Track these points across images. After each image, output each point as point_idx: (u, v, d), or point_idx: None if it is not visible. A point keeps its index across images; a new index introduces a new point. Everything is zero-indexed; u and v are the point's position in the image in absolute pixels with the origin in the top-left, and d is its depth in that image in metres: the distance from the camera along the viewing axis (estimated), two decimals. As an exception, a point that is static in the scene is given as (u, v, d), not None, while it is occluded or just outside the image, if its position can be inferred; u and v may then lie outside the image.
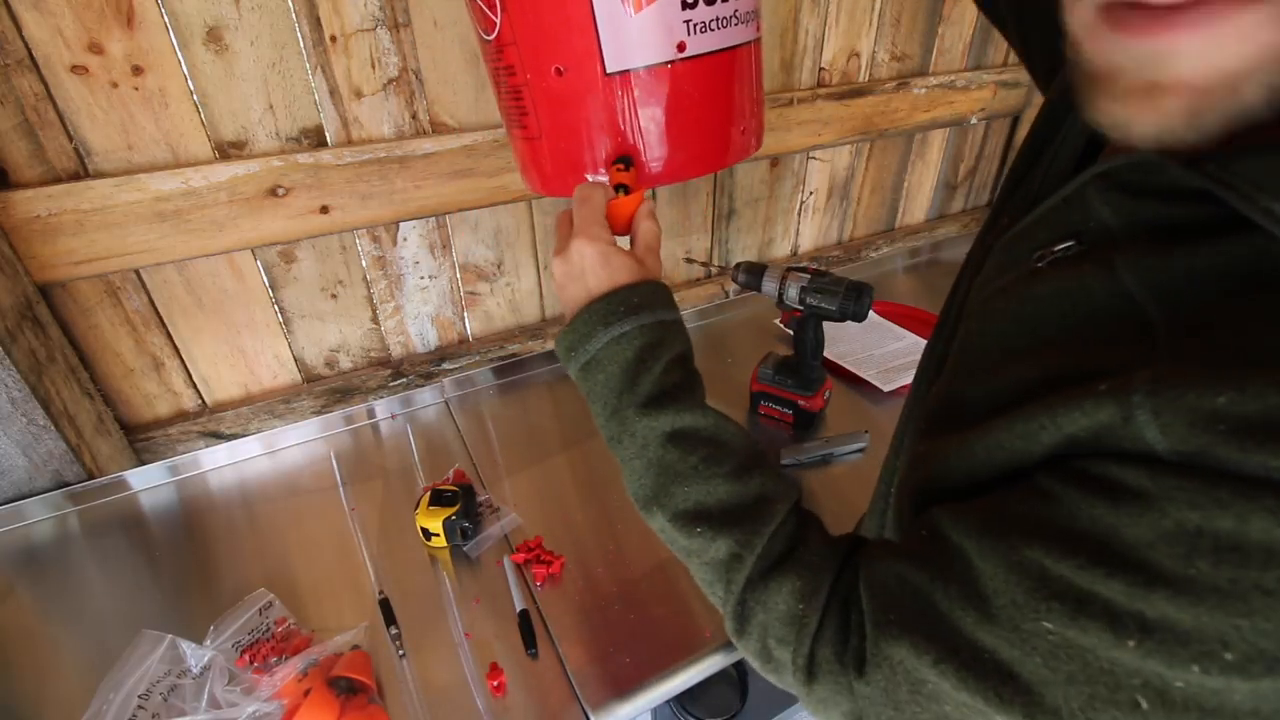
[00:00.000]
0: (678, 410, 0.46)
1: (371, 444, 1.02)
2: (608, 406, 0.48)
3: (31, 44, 0.71)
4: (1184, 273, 0.30)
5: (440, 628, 0.73)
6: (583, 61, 0.47)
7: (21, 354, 0.77)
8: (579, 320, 0.49)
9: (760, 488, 0.46)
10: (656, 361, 0.47)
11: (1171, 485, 0.26)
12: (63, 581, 0.80)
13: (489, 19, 0.50)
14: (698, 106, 0.51)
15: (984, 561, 0.32)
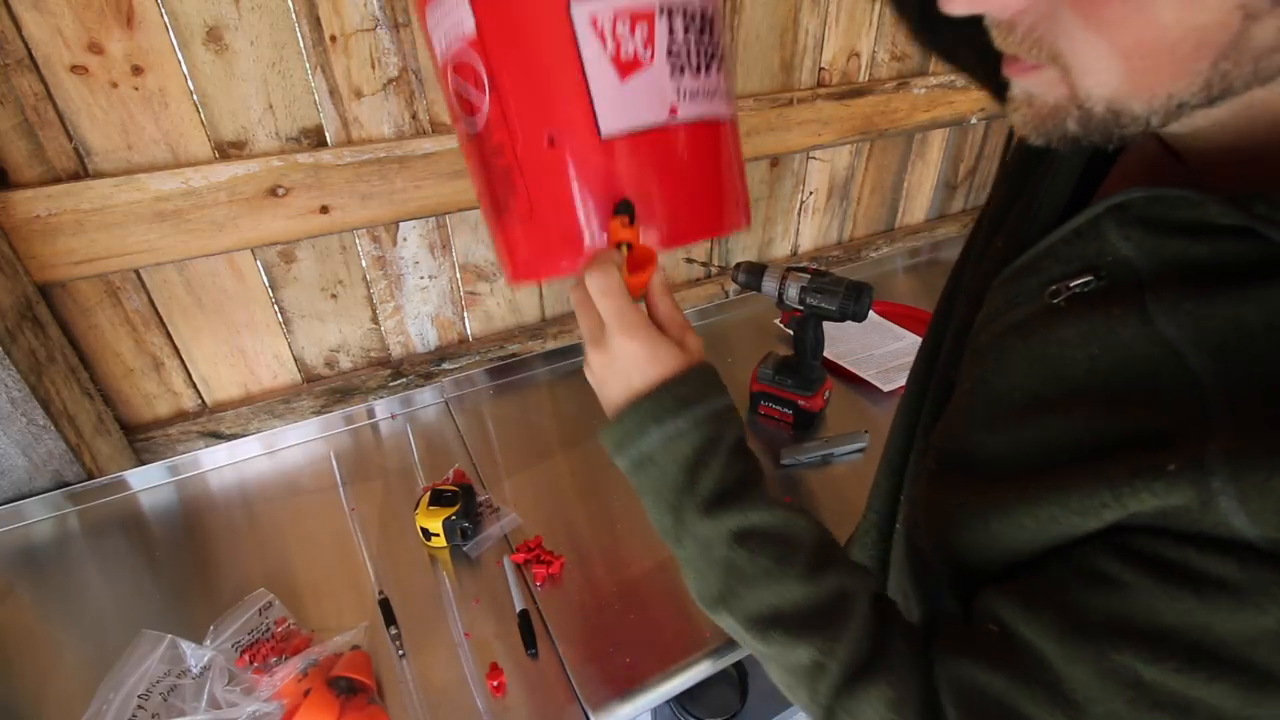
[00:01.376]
0: (743, 509, 0.43)
1: (371, 444, 1.02)
2: (664, 504, 0.45)
3: (31, 44, 0.71)
4: (1231, 320, 0.28)
5: (440, 628, 0.73)
6: (576, 128, 0.46)
7: (21, 354, 0.77)
8: (627, 417, 0.45)
9: (838, 585, 0.42)
10: (715, 458, 0.44)
11: (1268, 579, 0.25)
12: (63, 581, 0.80)
13: (473, 103, 0.49)
14: (692, 169, 0.51)
15: (1070, 667, 0.31)
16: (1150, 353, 0.31)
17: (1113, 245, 0.34)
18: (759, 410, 1.05)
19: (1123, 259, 0.33)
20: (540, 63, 0.45)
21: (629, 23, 0.45)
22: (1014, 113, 0.33)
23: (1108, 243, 0.34)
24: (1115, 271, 0.34)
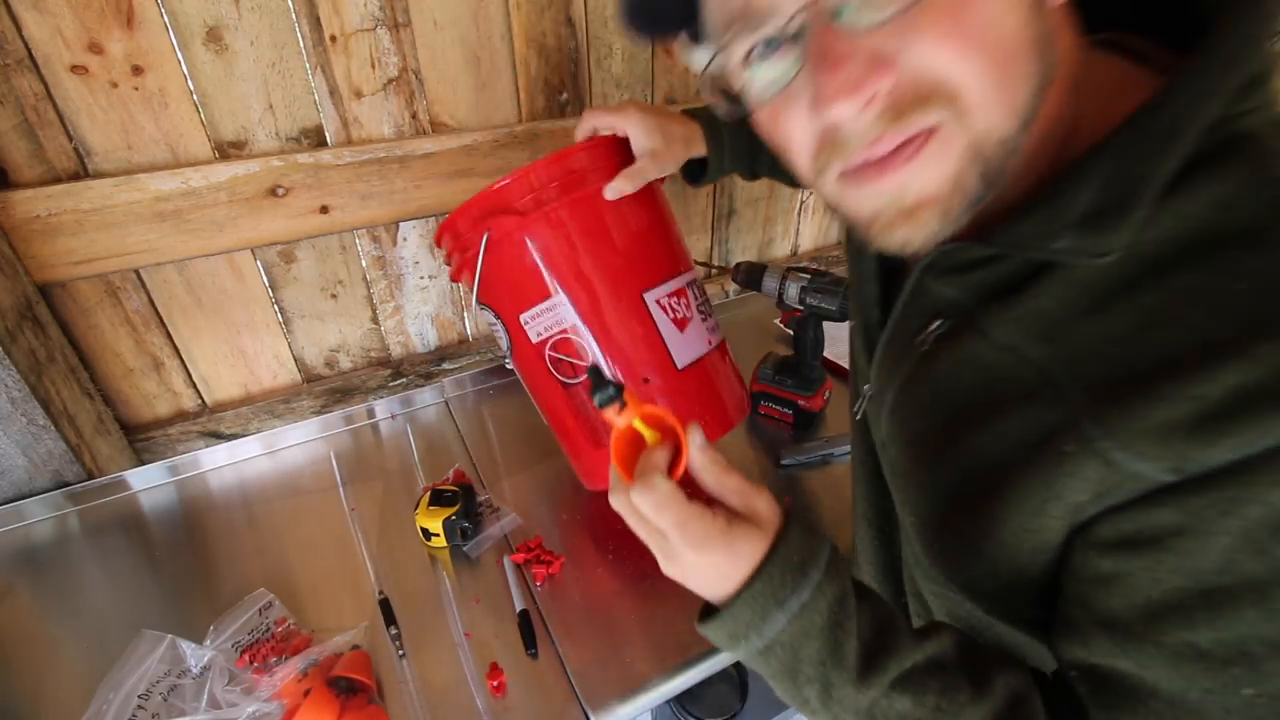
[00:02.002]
0: (898, 659, 0.39)
1: (371, 444, 1.02)
2: (804, 681, 0.40)
3: (31, 44, 0.71)
4: (1038, 313, 0.36)
5: (440, 628, 0.73)
6: (663, 367, 0.68)
7: (21, 354, 0.77)
8: (739, 611, 0.40)
9: (1006, 688, 0.39)
10: (849, 618, 0.40)
11: (1200, 507, 0.29)
12: (63, 581, 0.80)
13: (576, 367, 0.69)
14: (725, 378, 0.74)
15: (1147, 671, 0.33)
16: (1000, 359, 0.38)
17: (940, 293, 0.42)
18: (759, 410, 1.05)
19: (952, 300, 0.42)
20: (630, 332, 0.68)
21: (676, 297, 0.71)
22: (890, 231, 0.36)
23: (935, 293, 0.43)
24: (952, 311, 0.42)
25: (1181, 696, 0.32)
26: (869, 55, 0.31)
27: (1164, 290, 0.31)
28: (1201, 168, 0.31)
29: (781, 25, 0.33)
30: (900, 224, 0.36)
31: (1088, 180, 0.33)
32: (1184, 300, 0.31)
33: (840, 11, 0.32)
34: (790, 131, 0.37)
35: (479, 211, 0.69)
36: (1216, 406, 0.28)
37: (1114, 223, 0.32)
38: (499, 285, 0.72)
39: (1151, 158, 0.31)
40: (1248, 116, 0.32)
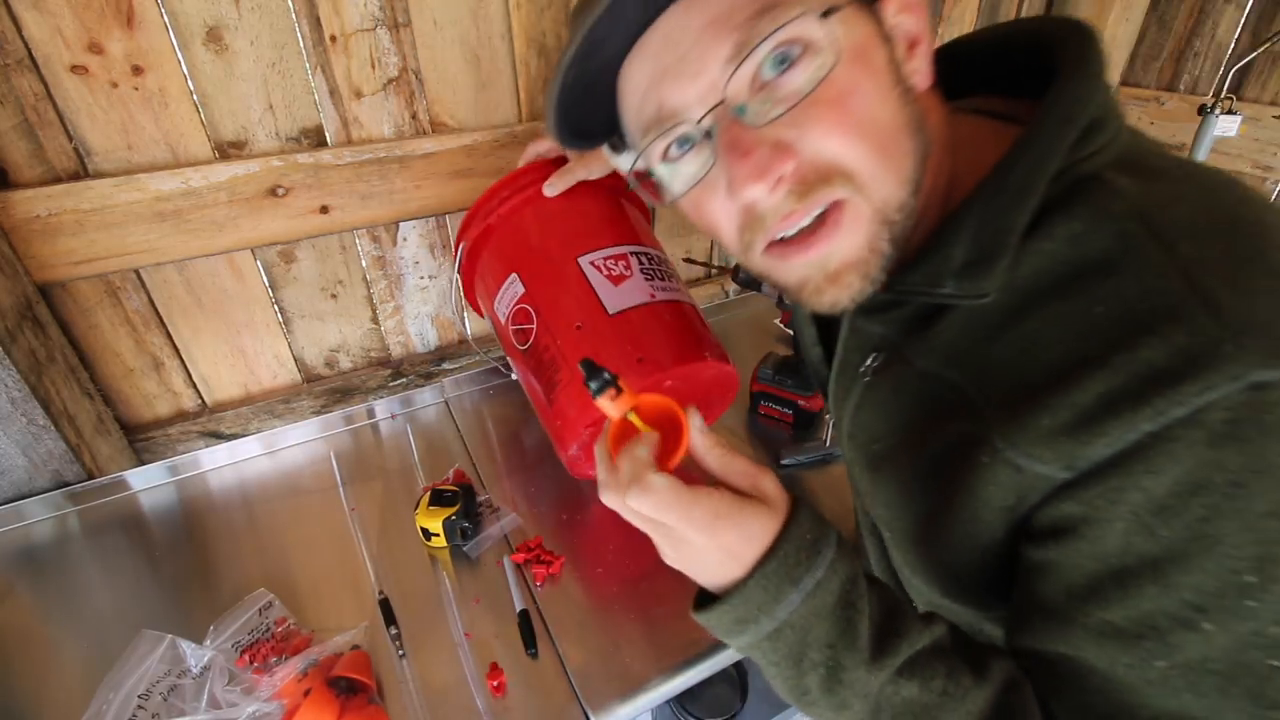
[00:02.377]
0: (910, 641, 0.39)
1: (371, 444, 1.02)
2: (810, 666, 0.39)
3: (31, 44, 0.71)
4: (947, 343, 0.42)
5: (440, 628, 0.73)
6: (594, 313, 0.73)
7: (21, 354, 0.77)
8: (753, 588, 0.39)
9: (1002, 675, 0.40)
10: (861, 597, 0.40)
11: (1092, 497, 0.34)
12: (63, 581, 0.80)
13: (527, 331, 0.77)
14: (674, 325, 0.76)
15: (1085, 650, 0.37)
16: (925, 384, 0.43)
17: (871, 330, 0.49)
18: (759, 410, 1.05)
19: (882, 335, 0.48)
20: (566, 290, 0.75)
21: (614, 260, 0.77)
22: (815, 297, 0.42)
23: (867, 331, 0.50)
24: (884, 344, 0.48)
25: (1110, 673, 0.36)
26: (772, 144, 0.37)
27: (1041, 317, 0.37)
28: (1055, 210, 0.37)
29: (693, 125, 0.39)
30: (827, 288, 0.41)
31: (960, 235, 0.39)
32: (1057, 325, 0.36)
33: (743, 110, 0.37)
34: (715, 215, 0.42)
35: (461, 234, 0.86)
36: (1089, 411, 0.33)
37: (985, 270, 0.38)
38: (486, 283, 0.86)
39: (1009, 211, 0.38)
40: (1089, 160, 0.38)
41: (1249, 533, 0.31)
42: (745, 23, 0.36)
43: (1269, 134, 1.37)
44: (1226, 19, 1.40)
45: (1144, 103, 1.54)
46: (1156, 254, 0.34)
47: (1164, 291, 0.33)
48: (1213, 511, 0.31)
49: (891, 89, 0.38)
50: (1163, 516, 0.32)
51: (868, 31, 0.38)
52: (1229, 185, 0.37)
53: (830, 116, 0.37)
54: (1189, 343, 0.31)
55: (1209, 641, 0.33)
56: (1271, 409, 0.30)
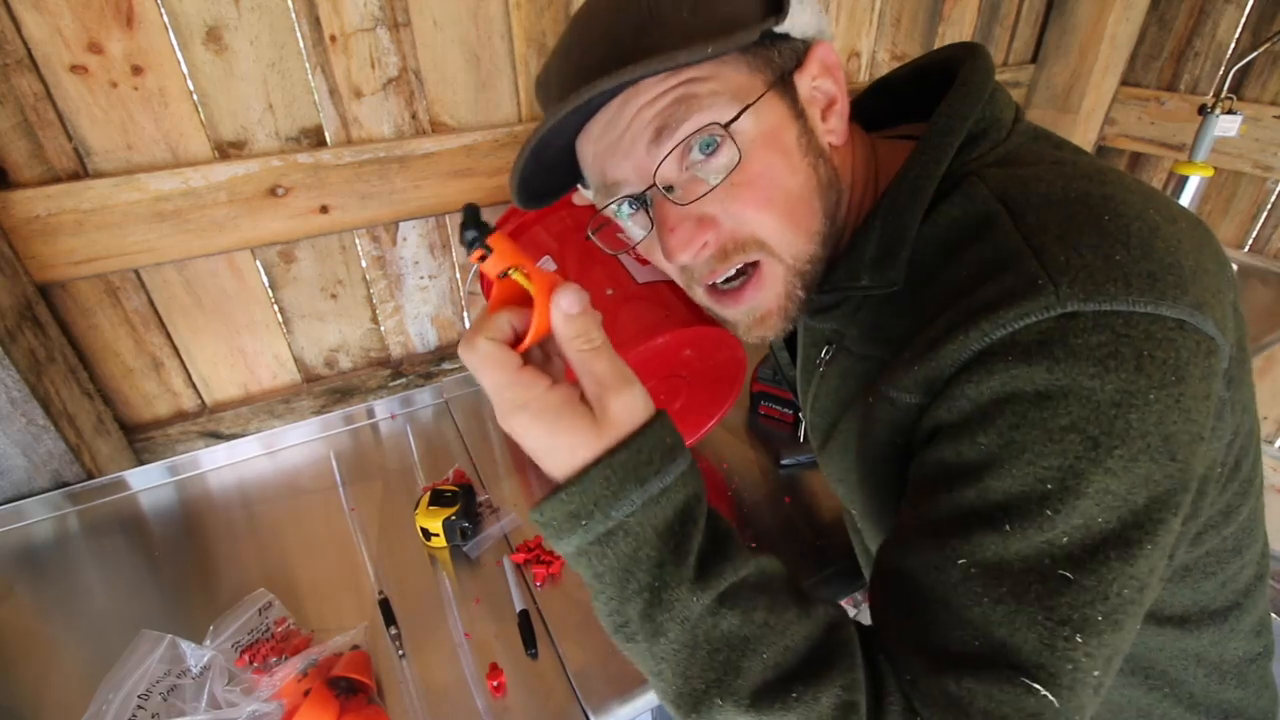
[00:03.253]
0: (734, 566, 0.38)
1: (371, 444, 1.02)
2: (637, 587, 0.37)
3: (31, 44, 0.71)
4: (873, 326, 0.50)
5: (440, 628, 0.73)
6: (624, 282, 0.82)
7: (21, 354, 0.77)
8: (591, 480, 0.36)
9: (825, 615, 0.40)
10: (700, 517, 0.39)
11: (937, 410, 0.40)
12: (63, 581, 0.80)
13: None
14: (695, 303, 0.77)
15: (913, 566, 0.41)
16: (860, 365, 0.51)
17: (820, 328, 0.57)
18: (759, 410, 1.05)
19: (831, 329, 0.56)
20: (597, 264, 0.84)
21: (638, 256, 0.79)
22: (752, 331, 0.51)
23: (817, 329, 0.58)
24: (832, 337, 0.56)
25: (925, 581, 0.39)
26: (696, 219, 0.45)
27: (929, 286, 0.43)
28: (941, 202, 0.44)
29: (635, 194, 0.47)
30: (756, 328, 0.50)
31: (869, 237, 0.46)
32: (937, 289, 0.42)
33: (670, 189, 0.45)
34: (663, 264, 0.51)
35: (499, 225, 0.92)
36: (935, 340, 0.40)
37: (890, 262, 0.45)
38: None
39: (904, 212, 0.45)
40: (972, 163, 0.45)
41: (1051, 444, 0.35)
42: (663, 111, 0.42)
43: (1269, 134, 1.37)
44: (1227, 19, 1.39)
45: (1144, 102, 1.54)
46: (1007, 223, 0.40)
47: (1006, 249, 0.39)
48: (1020, 419, 0.36)
49: (801, 159, 0.45)
50: (982, 424, 0.37)
51: (779, 115, 0.45)
52: (1094, 172, 0.41)
53: (745, 195, 0.44)
54: (1014, 281, 0.37)
55: (1006, 543, 0.36)
56: (1079, 334, 0.35)
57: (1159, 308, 0.35)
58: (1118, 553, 0.35)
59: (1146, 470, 0.35)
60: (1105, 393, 0.34)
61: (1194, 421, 0.36)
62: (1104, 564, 0.35)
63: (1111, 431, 0.34)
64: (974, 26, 1.44)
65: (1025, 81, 1.59)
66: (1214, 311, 0.36)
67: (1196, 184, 1.17)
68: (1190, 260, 0.37)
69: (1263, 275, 1.43)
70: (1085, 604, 0.35)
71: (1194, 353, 0.35)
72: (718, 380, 0.90)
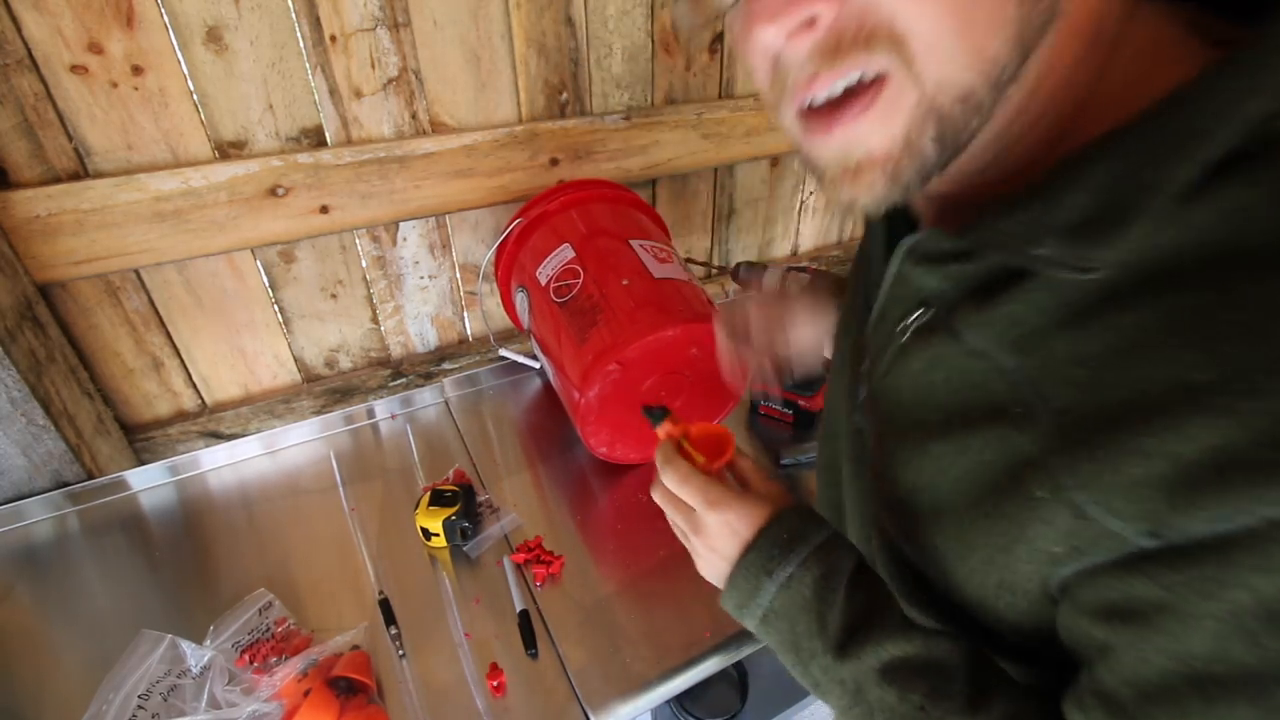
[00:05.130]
0: (879, 642, 0.39)
1: (371, 444, 1.02)
2: (802, 654, 0.42)
3: (31, 44, 0.71)
4: (1011, 320, 0.32)
5: (440, 628, 0.73)
6: (641, 274, 0.86)
7: (21, 354, 0.77)
8: (739, 578, 0.44)
9: (1006, 711, 0.36)
10: (834, 592, 0.41)
11: (1178, 584, 0.26)
12: (63, 581, 0.80)
13: (571, 285, 0.88)
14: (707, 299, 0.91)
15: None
16: (971, 365, 0.35)
17: (922, 281, 0.38)
18: (759, 410, 1.05)
19: (937, 289, 0.38)
20: (616, 255, 0.90)
21: (657, 248, 0.92)
22: (837, 190, 0.33)
23: (917, 281, 0.39)
24: (937, 300, 0.38)
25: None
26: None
27: (1150, 310, 0.27)
28: (1232, 171, 0.26)
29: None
30: (846, 183, 0.32)
31: (1087, 179, 0.28)
32: (1168, 328, 0.27)
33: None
34: (749, 53, 0.32)
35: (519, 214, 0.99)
36: (1196, 469, 0.25)
37: (1108, 235, 0.28)
38: (526, 260, 0.97)
39: (1167, 161, 0.27)
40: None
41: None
42: None
43: (1269, 134, 1.36)
44: (1227, 19, 1.39)
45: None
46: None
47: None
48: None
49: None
50: (1274, 624, 0.25)
51: None
52: None
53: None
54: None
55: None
56: None
57: None
58: None
59: None
60: None
61: None
62: None
63: None
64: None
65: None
66: None
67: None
68: None
69: (1263, 275, 1.43)
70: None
71: None
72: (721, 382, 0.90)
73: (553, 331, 0.90)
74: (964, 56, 0.28)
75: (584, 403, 0.82)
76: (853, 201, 0.33)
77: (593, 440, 0.89)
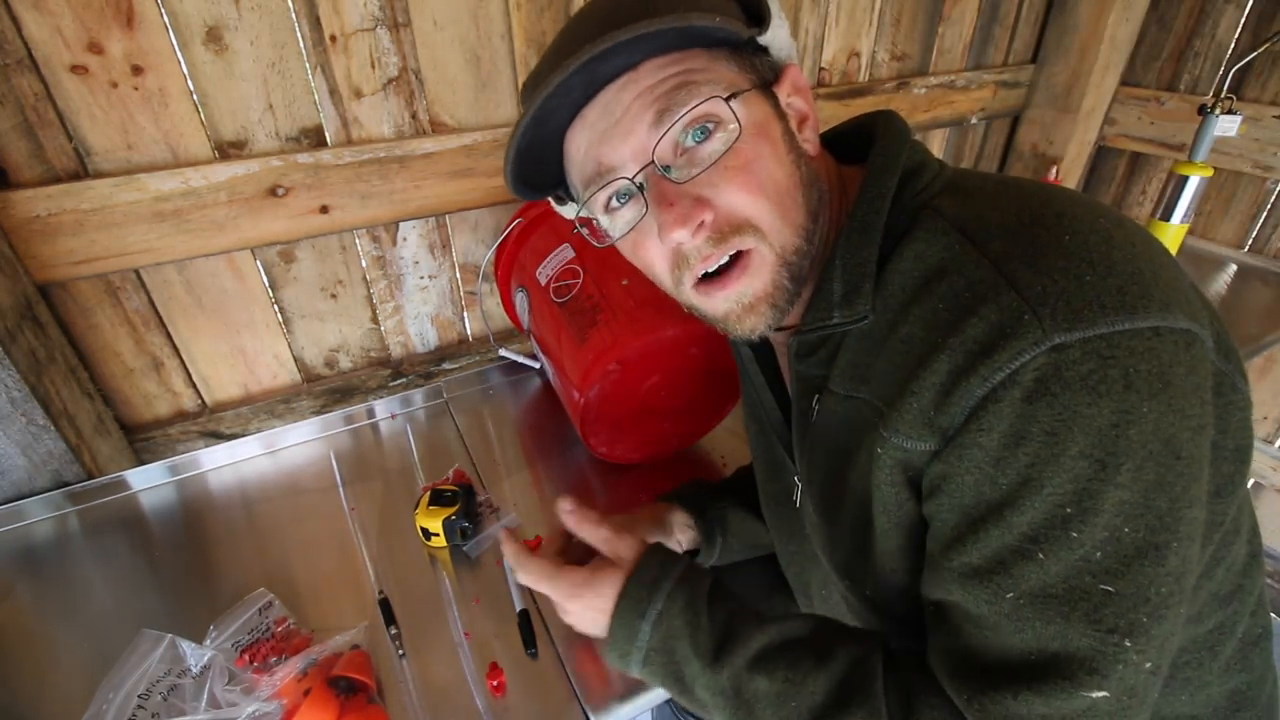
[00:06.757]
0: (744, 642, 0.50)
1: (371, 444, 1.02)
2: (685, 681, 0.51)
3: (31, 44, 0.71)
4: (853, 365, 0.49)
5: (440, 628, 0.73)
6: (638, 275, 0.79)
7: (21, 354, 0.77)
8: (615, 634, 0.54)
9: (849, 655, 0.48)
10: (700, 615, 0.52)
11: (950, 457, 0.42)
12: (63, 581, 0.80)
13: (571, 285, 0.88)
14: None
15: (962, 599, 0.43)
16: (847, 405, 0.50)
17: (810, 375, 0.54)
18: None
19: (816, 376, 0.54)
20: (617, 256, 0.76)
21: None
22: (742, 322, 0.50)
23: (808, 376, 0.55)
24: (819, 384, 0.53)
25: (974, 611, 0.42)
26: (693, 198, 0.46)
27: (908, 323, 0.44)
28: (904, 238, 0.46)
29: (629, 180, 0.48)
30: (746, 317, 0.50)
31: (835, 273, 0.48)
32: (918, 325, 0.43)
33: (668, 169, 0.46)
34: (649, 255, 0.50)
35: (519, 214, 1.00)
36: (943, 388, 0.41)
37: (856, 296, 0.47)
38: (526, 260, 0.96)
39: (861, 247, 0.47)
40: (921, 194, 0.47)
41: (1065, 473, 0.37)
42: (665, 94, 0.45)
43: (1269, 134, 1.37)
44: (1226, 19, 1.40)
45: (1144, 102, 1.54)
46: (974, 254, 0.42)
47: (981, 281, 0.40)
48: (1034, 458, 0.38)
49: (787, 154, 0.48)
50: (999, 466, 0.39)
51: (766, 110, 0.48)
52: (1035, 191, 0.44)
53: (739, 179, 0.46)
54: (1000, 318, 0.39)
55: (1044, 569, 0.39)
56: (1070, 366, 0.37)
57: (1133, 321, 0.37)
58: (1149, 557, 0.38)
59: (1156, 475, 0.37)
60: (1102, 416, 0.37)
61: (1191, 415, 0.38)
62: (1139, 570, 0.38)
63: (1116, 450, 0.37)
64: (974, 26, 1.44)
65: (1025, 81, 1.59)
66: (1181, 304, 0.39)
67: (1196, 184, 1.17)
68: (1144, 262, 0.39)
69: (1263, 275, 1.43)
70: (1128, 610, 0.38)
71: (1175, 352, 0.37)
72: (723, 382, 0.90)
73: (553, 331, 0.90)
74: (790, 230, 0.48)
75: (584, 403, 0.82)
76: (754, 327, 0.50)
77: (593, 440, 0.88)
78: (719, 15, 0.44)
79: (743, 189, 0.46)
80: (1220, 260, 1.51)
